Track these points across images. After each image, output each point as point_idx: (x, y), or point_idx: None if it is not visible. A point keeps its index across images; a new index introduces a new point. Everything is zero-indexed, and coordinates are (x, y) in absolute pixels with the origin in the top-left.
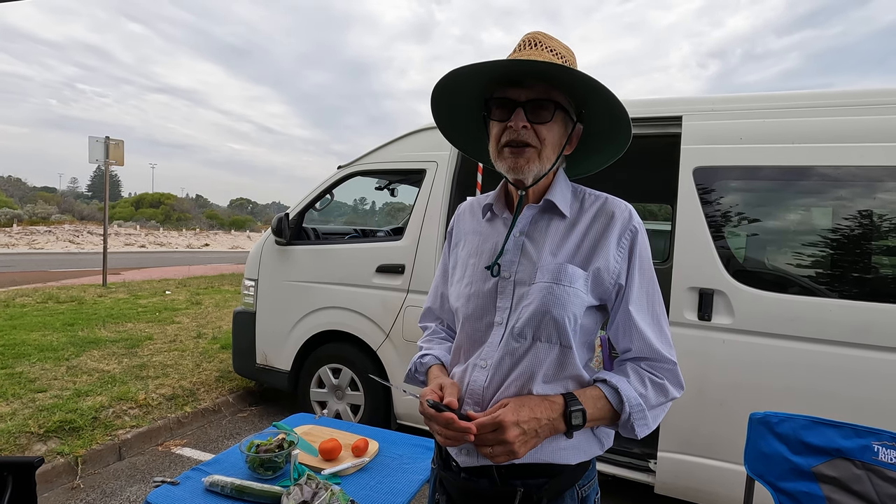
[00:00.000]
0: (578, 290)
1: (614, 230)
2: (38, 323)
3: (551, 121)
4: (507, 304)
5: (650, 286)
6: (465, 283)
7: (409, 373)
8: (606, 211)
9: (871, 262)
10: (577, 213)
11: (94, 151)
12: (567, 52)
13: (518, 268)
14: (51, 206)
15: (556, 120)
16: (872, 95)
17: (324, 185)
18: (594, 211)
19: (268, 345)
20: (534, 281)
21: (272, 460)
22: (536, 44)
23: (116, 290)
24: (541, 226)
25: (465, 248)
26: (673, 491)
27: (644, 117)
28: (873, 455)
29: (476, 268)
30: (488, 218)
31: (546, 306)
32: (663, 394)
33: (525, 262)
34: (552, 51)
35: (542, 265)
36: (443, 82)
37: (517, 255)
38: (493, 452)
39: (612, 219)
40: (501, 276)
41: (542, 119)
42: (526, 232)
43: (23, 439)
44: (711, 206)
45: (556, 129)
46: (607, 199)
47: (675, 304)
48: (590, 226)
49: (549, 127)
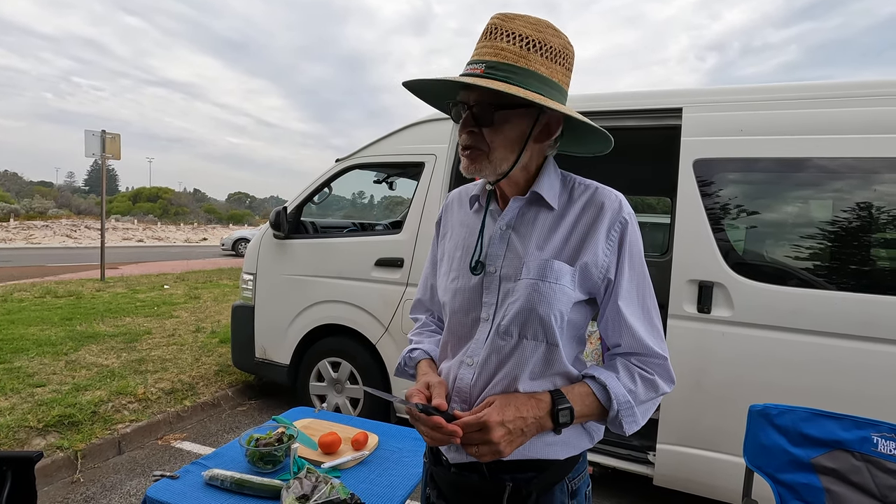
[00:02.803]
0: (565, 286)
1: (603, 222)
2: (36, 318)
3: (494, 123)
4: (492, 300)
5: (640, 280)
6: (451, 276)
7: (398, 367)
8: (595, 202)
9: (870, 255)
10: (566, 204)
11: (90, 145)
12: (533, 30)
13: (504, 262)
14: (48, 200)
15: (505, 119)
16: (872, 87)
17: (322, 179)
18: (583, 202)
19: (267, 339)
20: (519, 277)
21: (272, 454)
22: (493, 31)
23: (114, 285)
24: (527, 218)
25: (452, 239)
26: (672, 483)
27: (643, 109)
28: (872, 446)
29: (462, 261)
30: (475, 209)
31: (531, 304)
32: (653, 389)
33: (511, 257)
34: (510, 35)
35: (527, 260)
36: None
37: (503, 249)
38: (479, 452)
39: (601, 210)
40: (487, 271)
41: (484, 122)
42: (513, 225)
43: (22, 434)
44: (711, 199)
45: (505, 130)
46: (597, 188)
47: (675, 296)
48: (578, 218)
49: (494, 129)
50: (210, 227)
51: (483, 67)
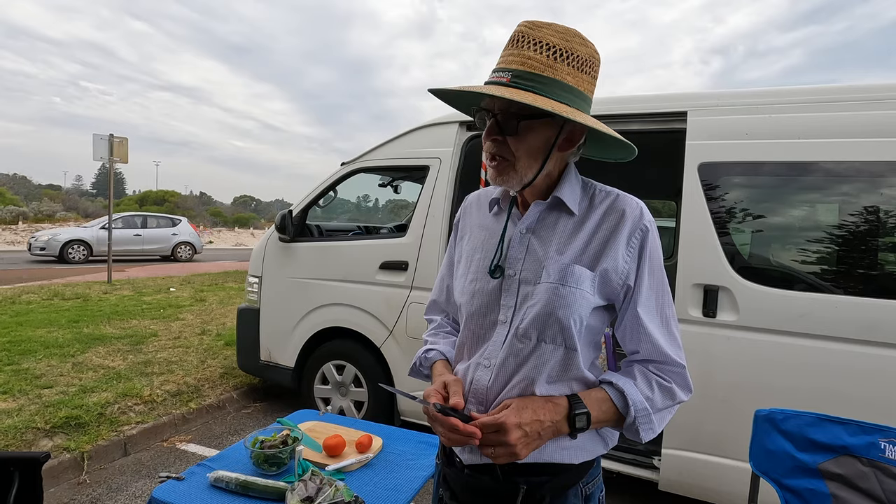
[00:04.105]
0: (585, 291)
1: (624, 229)
2: (43, 320)
3: (518, 132)
4: (511, 303)
5: (660, 287)
6: (469, 278)
7: (413, 367)
8: (616, 209)
9: (877, 258)
10: (587, 210)
11: (98, 149)
12: (561, 39)
13: (523, 266)
14: (56, 203)
15: (529, 129)
16: (878, 90)
17: (327, 182)
18: (604, 208)
19: (272, 341)
20: (539, 280)
21: (276, 456)
22: (520, 40)
23: (121, 287)
24: (548, 223)
25: (471, 241)
26: (677, 488)
27: (648, 113)
28: (880, 452)
29: (480, 264)
30: (495, 212)
31: (551, 308)
32: (670, 397)
33: (531, 261)
34: (537, 44)
35: (548, 264)
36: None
37: (522, 253)
38: (495, 453)
39: (622, 217)
40: (506, 274)
41: (508, 132)
42: (533, 229)
43: (29, 435)
44: (716, 203)
45: (529, 139)
46: (618, 195)
47: (680, 300)
48: (599, 224)
49: (519, 138)
50: (216, 230)
51: (509, 76)
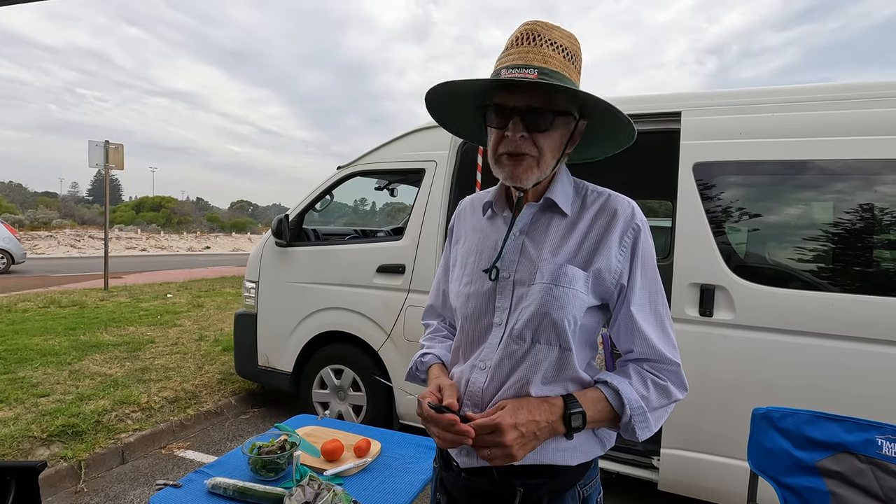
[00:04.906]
0: (578, 291)
1: (616, 229)
2: (40, 327)
3: (552, 128)
4: (506, 305)
5: (653, 286)
6: (464, 281)
7: (409, 371)
8: (608, 208)
9: (872, 256)
10: (579, 210)
11: (94, 156)
12: (569, 42)
13: (517, 267)
14: (52, 211)
15: (556, 126)
16: (872, 88)
17: (323, 186)
18: (596, 208)
19: (269, 346)
20: (533, 281)
21: (274, 462)
22: (535, 38)
23: (118, 294)
24: (541, 225)
25: (465, 245)
26: (676, 487)
27: (643, 113)
28: (877, 449)
29: (475, 266)
30: (489, 216)
31: (545, 308)
32: (666, 396)
33: (524, 262)
34: (553, 44)
35: (541, 265)
36: (436, 89)
37: (516, 255)
38: (491, 455)
39: (614, 217)
40: (500, 276)
41: (540, 128)
42: (526, 231)
43: (26, 444)
44: (712, 202)
45: (555, 136)
46: (610, 195)
47: (676, 300)
48: (591, 224)
49: (547, 135)
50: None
51: (536, 73)
